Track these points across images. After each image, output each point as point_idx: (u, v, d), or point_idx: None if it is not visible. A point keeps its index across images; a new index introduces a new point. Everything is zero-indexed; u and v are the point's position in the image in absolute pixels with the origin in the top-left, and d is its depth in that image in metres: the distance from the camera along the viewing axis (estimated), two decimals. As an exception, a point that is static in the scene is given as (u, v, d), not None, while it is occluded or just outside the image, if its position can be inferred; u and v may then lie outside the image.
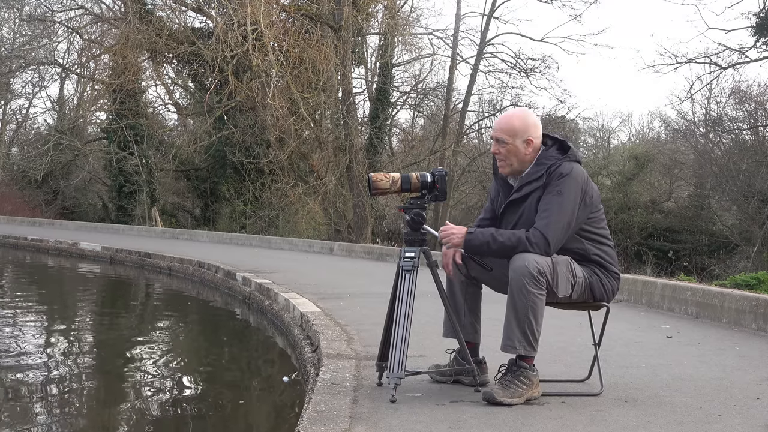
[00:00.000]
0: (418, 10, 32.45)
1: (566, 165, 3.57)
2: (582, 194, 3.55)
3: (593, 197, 3.61)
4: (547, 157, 3.61)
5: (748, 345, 5.29)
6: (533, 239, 3.46)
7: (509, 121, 3.66)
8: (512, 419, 3.21)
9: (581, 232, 3.62)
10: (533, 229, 3.49)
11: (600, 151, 30.42)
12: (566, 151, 3.63)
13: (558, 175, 3.54)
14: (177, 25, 25.33)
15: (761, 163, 21.19)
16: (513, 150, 3.63)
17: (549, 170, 3.56)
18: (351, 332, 5.56)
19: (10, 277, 14.54)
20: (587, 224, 3.63)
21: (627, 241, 24.35)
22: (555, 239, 3.48)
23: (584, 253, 3.63)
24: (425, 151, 28.24)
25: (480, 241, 3.55)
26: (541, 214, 3.50)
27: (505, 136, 3.63)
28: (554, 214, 3.48)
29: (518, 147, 3.62)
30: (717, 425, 3.18)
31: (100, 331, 8.42)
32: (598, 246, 3.66)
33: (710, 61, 23.09)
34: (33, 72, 31.54)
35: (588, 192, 3.57)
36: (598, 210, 3.66)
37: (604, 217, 3.73)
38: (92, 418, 4.83)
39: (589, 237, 3.65)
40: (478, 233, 3.56)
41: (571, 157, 3.61)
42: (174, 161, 26.77)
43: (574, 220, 3.53)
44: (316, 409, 3.28)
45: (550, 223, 3.48)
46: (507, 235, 3.52)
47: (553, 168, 3.56)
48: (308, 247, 17.33)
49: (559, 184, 3.52)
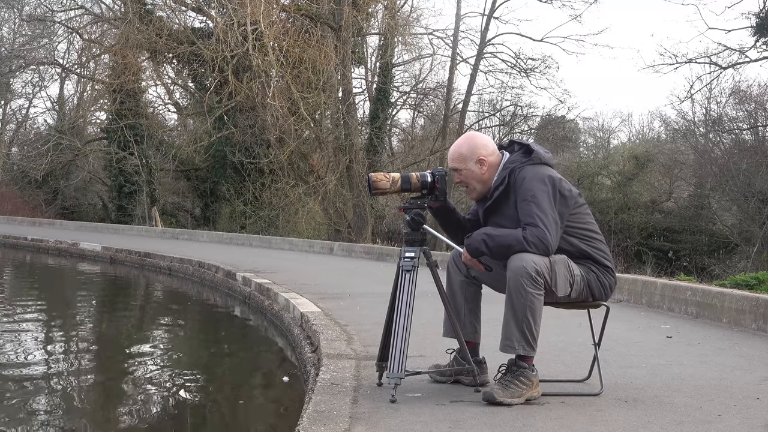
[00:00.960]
0: (418, 10, 32.51)
1: (528, 169, 3.61)
2: (553, 189, 3.56)
3: (571, 192, 3.62)
4: (512, 162, 3.68)
5: (748, 345, 5.29)
6: (531, 239, 3.47)
7: (456, 150, 3.75)
8: (512, 419, 3.21)
9: (568, 230, 3.63)
10: (530, 228, 3.49)
11: (600, 151, 30.43)
12: (530, 154, 3.66)
13: (521, 180, 3.58)
14: (177, 25, 25.35)
15: (761, 163, 21.20)
16: (469, 174, 3.72)
17: (512, 173, 3.62)
18: (351, 332, 5.56)
19: (10, 277, 14.54)
20: (572, 221, 3.63)
21: (627, 241, 24.37)
22: (552, 238, 3.49)
23: (575, 250, 3.64)
24: (425, 151, 28.25)
25: (477, 242, 3.57)
26: (526, 219, 3.51)
27: (458, 164, 3.73)
28: (538, 215, 3.49)
29: (473, 170, 3.71)
30: (717, 425, 3.18)
31: (99, 331, 8.42)
32: (588, 242, 3.67)
33: (710, 61, 23.12)
34: (33, 72, 31.61)
35: (558, 186, 3.58)
36: (580, 205, 3.67)
37: (589, 212, 3.75)
38: (92, 417, 4.83)
39: (577, 234, 3.66)
40: (473, 239, 3.59)
41: (535, 160, 3.64)
42: (174, 161, 26.78)
43: (558, 217, 3.54)
44: (316, 409, 3.28)
45: (538, 223, 3.48)
46: (504, 234, 3.53)
47: (516, 172, 3.61)
48: (308, 247, 17.34)
49: (525, 190, 3.55)
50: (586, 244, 3.66)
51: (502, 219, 3.65)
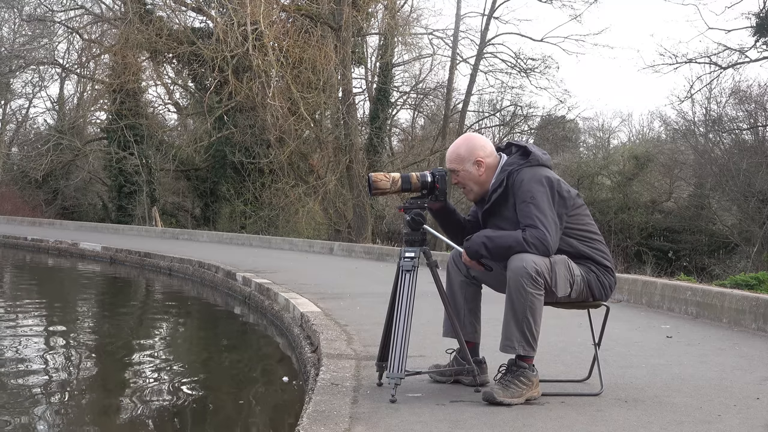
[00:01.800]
0: (418, 10, 32.52)
1: (526, 171, 3.61)
2: (551, 191, 3.56)
3: (569, 193, 3.63)
4: (509, 164, 3.68)
5: (748, 345, 5.29)
6: (531, 240, 3.47)
7: (454, 150, 3.76)
8: (512, 419, 3.21)
9: (567, 231, 3.63)
10: (530, 230, 3.49)
11: (600, 151, 30.43)
12: (528, 156, 3.66)
13: (519, 182, 3.58)
14: (177, 25, 25.34)
15: (761, 163, 21.20)
16: (466, 176, 3.72)
17: (509, 175, 3.62)
18: (351, 332, 5.56)
19: (11, 277, 14.54)
20: (571, 222, 3.64)
21: (627, 241, 24.36)
22: (552, 239, 3.49)
23: (574, 251, 3.64)
24: (425, 151, 28.25)
25: (477, 245, 3.56)
26: (525, 221, 3.51)
27: (455, 165, 3.74)
28: (537, 216, 3.49)
29: (470, 171, 3.71)
30: (717, 425, 3.18)
31: (99, 331, 8.42)
32: (587, 242, 3.67)
33: (710, 61, 23.11)
34: (33, 72, 31.61)
35: (556, 188, 3.58)
36: (579, 206, 3.68)
37: (587, 212, 3.75)
38: (92, 417, 4.83)
39: (576, 235, 3.66)
40: (472, 242, 3.59)
41: (533, 161, 3.64)
42: (174, 161, 26.78)
43: (557, 218, 3.55)
44: (316, 409, 3.28)
45: (538, 225, 3.48)
46: (503, 236, 3.53)
47: (513, 174, 3.61)
48: (308, 247, 17.34)
49: (524, 192, 3.55)
50: (586, 244, 3.67)
51: (501, 221, 3.65)
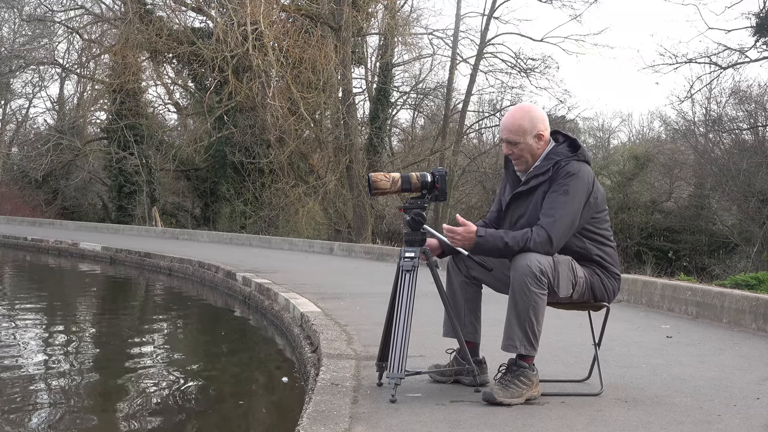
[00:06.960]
0: (418, 10, 32.57)
1: (575, 164, 3.57)
2: (587, 195, 3.55)
3: (598, 198, 3.61)
4: (557, 153, 3.62)
5: (748, 345, 5.29)
6: (536, 237, 3.46)
7: (516, 122, 3.63)
8: (512, 419, 3.20)
9: (584, 232, 3.61)
10: (537, 228, 3.48)
11: (600, 151, 30.44)
12: (576, 149, 3.64)
13: (565, 173, 3.54)
14: (177, 25, 25.35)
15: (761, 163, 21.18)
16: (526, 148, 3.64)
17: (556, 165, 3.57)
18: (351, 332, 5.56)
19: (11, 277, 14.54)
20: (590, 224, 3.63)
21: (627, 241, 24.35)
22: (558, 238, 3.48)
23: (586, 252, 3.63)
24: (425, 151, 28.24)
25: (491, 245, 3.51)
26: (547, 212, 3.50)
27: (516, 137, 3.63)
28: (559, 212, 3.48)
29: (530, 144, 3.63)
30: (717, 425, 3.18)
31: (99, 331, 8.42)
32: (599, 246, 3.66)
33: (710, 61, 23.08)
34: (33, 72, 31.63)
35: (593, 193, 3.57)
36: (602, 211, 3.66)
37: (608, 218, 3.73)
38: (92, 417, 4.83)
39: (592, 237, 3.64)
40: (489, 237, 3.50)
41: (581, 156, 3.61)
42: (174, 161, 26.79)
43: (577, 220, 3.54)
44: (316, 409, 3.28)
45: (555, 222, 3.47)
46: (516, 238, 3.49)
47: (562, 164, 3.56)
48: (308, 247, 17.33)
49: (566, 182, 3.52)
50: (597, 248, 3.64)
51: (528, 207, 3.59)
